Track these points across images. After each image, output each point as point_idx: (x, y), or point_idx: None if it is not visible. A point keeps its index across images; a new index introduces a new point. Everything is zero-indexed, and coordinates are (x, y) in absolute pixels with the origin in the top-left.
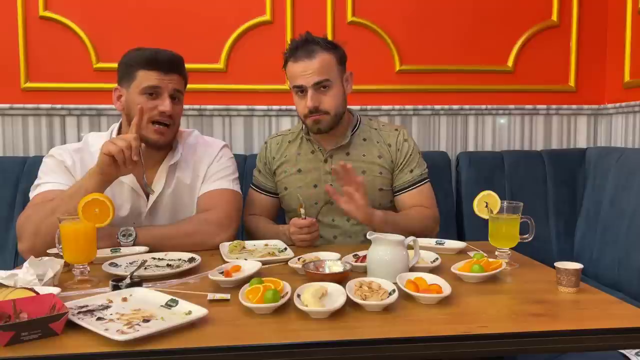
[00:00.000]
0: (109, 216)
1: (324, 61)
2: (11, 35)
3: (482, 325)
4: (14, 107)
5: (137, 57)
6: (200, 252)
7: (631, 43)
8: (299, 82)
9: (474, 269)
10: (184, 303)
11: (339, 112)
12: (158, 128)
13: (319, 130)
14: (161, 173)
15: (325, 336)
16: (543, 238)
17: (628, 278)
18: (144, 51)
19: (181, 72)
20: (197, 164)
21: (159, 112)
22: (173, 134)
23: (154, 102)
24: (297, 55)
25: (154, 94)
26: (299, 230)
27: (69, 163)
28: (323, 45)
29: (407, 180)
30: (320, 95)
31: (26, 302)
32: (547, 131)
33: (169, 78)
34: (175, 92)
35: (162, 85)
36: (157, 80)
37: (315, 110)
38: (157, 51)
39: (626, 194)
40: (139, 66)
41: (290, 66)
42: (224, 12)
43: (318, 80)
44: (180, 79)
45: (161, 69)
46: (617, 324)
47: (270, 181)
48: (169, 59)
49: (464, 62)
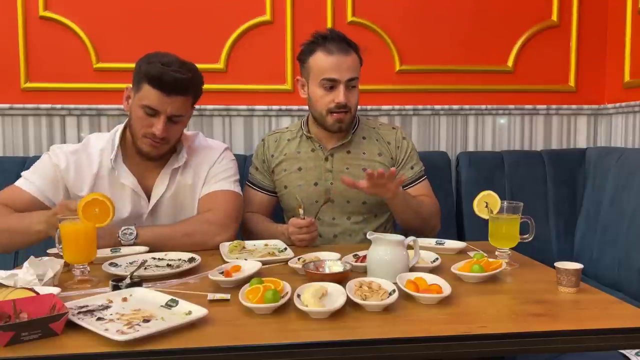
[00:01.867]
0: (109, 216)
1: (355, 60)
2: (11, 35)
3: (482, 325)
4: (14, 107)
5: (146, 69)
6: (200, 252)
7: (631, 43)
8: (333, 75)
9: (474, 269)
10: (184, 303)
11: (356, 111)
12: (152, 142)
13: (340, 129)
14: (163, 176)
15: (325, 336)
16: (543, 238)
17: (628, 278)
18: (154, 66)
19: (186, 94)
20: (198, 166)
21: (151, 132)
22: (168, 148)
23: (151, 121)
24: (330, 49)
25: (152, 113)
26: (298, 230)
27: (63, 166)
28: (353, 46)
29: (409, 176)
30: (349, 92)
31: (26, 302)
32: (547, 131)
33: (170, 100)
34: (174, 116)
35: (161, 108)
36: (157, 101)
37: (344, 106)
38: (165, 70)
39: (626, 194)
40: (145, 79)
41: (321, 57)
42: (224, 12)
43: (352, 77)
44: (184, 101)
45: (164, 90)
46: (617, 324)
47: (268, 179)
48: (174, 80)
49: (464, 62)
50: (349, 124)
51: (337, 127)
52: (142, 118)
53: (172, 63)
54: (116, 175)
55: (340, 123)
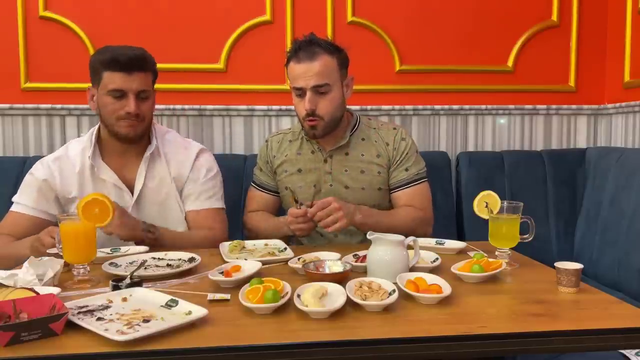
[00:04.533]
0: (109, 216)
1: (325, 64)
2: (11, 35)
3: (482, 325)
4: (14, 107)
5: (100, 58)
6: (200, 252)
7: (631, 43)
8: (299, 84)
9: (474, 269)
10: (184, 303)
11: (335, 117)
12: (127, 122)
13: (314, 136)
14: (142, 166)
15: (325, 336)
16: (543, 238)
17: (628, 278)
18: (106, 52)
19: (145, 69)
20: (177, 162)
21: (125, 112)
22: (145, 127)
23: (121, 103)
24: (299, 56)
25: (120, 95)
26: (295, 219)
27: (46, 177)
28: (325, 48)
29: (402, 178)
30: (318, 98)
31: (26, 302)
32: (547, 131)
33: (132, 78)
34: (141, 92)
35: (126, 87)
36: (121, 81)
37: (312, 114)
38: (118, 51)
39: (626, 194)
40: (102, 67)
41: (292, 67)
42: (224, 12)
43: (317, 84)
44: (145, 76)
45: (123, 69)
46: (617, 324)
47: (271, 179)
48: (130, 58)
49: (464, 62)
50: (324, 131)
51: (312, 134)
52: (111, 103)
53: (122, 47)
54: (96, 172)
55: (314, 130)
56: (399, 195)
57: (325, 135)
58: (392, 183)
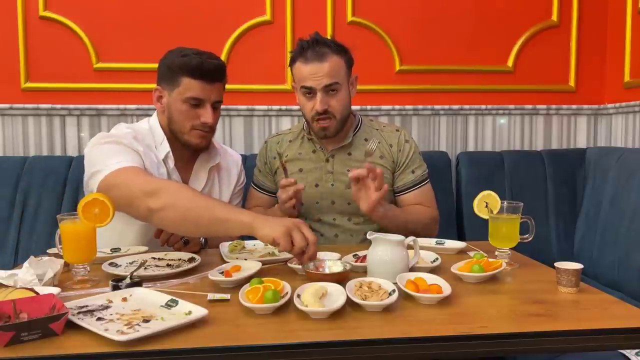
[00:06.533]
0: (109, 216)
1: (334, 64)
2: (11, 35)
3: (482, 325)
4: (14, 107)
5: (182, 62)
6: (200, 252)
7: (631, 43)
8: (309, 84)
9: (474, 269)
10: (184, 303)
11: (344, 115)
12: (200, 132)
13: (326, 136)
14: (198, 173)
15: (325, 336)
16: (543, 238)
17: (628, 278)
18: (191, 58)
19: (224, 79)
20: (228, 170)
21: (201, 122)
22: (213, 136)
23: (196, 112)
24: (307, 57)
25: (197, 103)
26: (283, 190)
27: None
28: (334, 48)
29: (410, 180)
30: (328, 98)
31: (26, 302)
32: (547, 131)
33: (212, 88)
34: (216, 102)
35: (205, 96)
36: (201, 91)
37: (324, 113)
38: (203, 59)
39: (626, 194)
40: (183, 73)
41: (299, 67)
42: (224, 12)
43: (328, 83)
44: (222, 87)
45: (206, 78)
46: (617, 324)
47: (270, 180)
48: (215, 68)
49: (464, 62)
50: (335, 130)
51: (323, 135)
52: (186, 111)
53: (204, 53)
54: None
55: (325, 130)
56: (408, 197)
57: (336, 134)
58: (399, 186)
